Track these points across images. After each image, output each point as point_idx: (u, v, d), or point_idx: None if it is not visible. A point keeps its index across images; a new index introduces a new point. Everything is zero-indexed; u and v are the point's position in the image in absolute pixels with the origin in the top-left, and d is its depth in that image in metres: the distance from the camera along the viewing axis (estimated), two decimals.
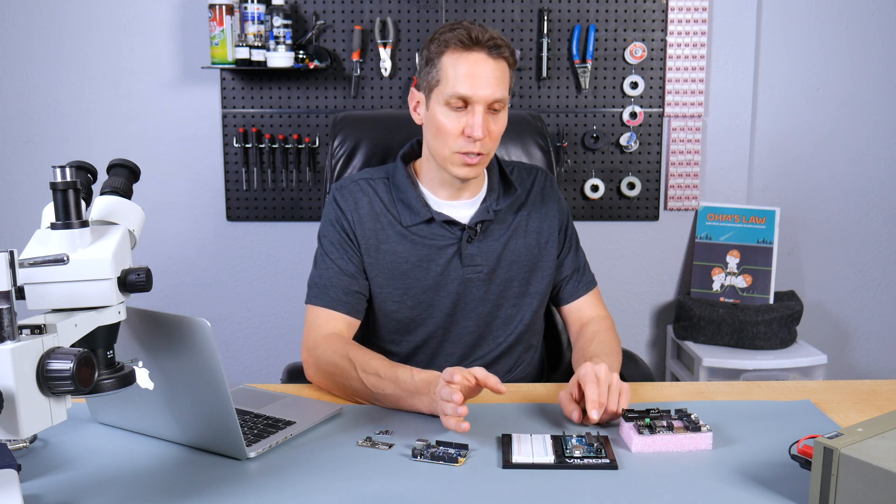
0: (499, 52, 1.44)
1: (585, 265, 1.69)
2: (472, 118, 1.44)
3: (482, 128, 1.44)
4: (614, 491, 1.05)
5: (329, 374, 1.41)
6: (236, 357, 2.92)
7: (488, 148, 1.48)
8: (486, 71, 1.44)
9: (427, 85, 1.50)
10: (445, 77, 1.45)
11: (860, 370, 3.01)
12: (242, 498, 1.03)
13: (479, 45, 1.44)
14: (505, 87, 1.47)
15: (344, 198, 1.58)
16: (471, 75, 1.43)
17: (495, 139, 1.49)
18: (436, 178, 1.56)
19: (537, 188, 1.65)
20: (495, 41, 1.44)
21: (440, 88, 1.46)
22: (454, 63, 1.44)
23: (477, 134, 1.43)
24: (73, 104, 2.77)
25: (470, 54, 1.44)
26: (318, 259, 1.58)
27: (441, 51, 1.46)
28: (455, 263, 1.56)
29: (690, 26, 2.74)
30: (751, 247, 2.76)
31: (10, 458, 0.96)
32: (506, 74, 1.47)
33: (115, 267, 0.95)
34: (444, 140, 1.47)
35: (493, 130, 1.47)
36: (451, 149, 1.47)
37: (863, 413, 1.30)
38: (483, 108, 1.44)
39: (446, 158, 1.49)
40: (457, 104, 1.45)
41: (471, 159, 1.47)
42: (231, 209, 2.81)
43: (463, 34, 1.44)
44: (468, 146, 1.46)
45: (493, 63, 1.44)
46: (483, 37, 1.43)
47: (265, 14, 2.59)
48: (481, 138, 1.44)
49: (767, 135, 2.85)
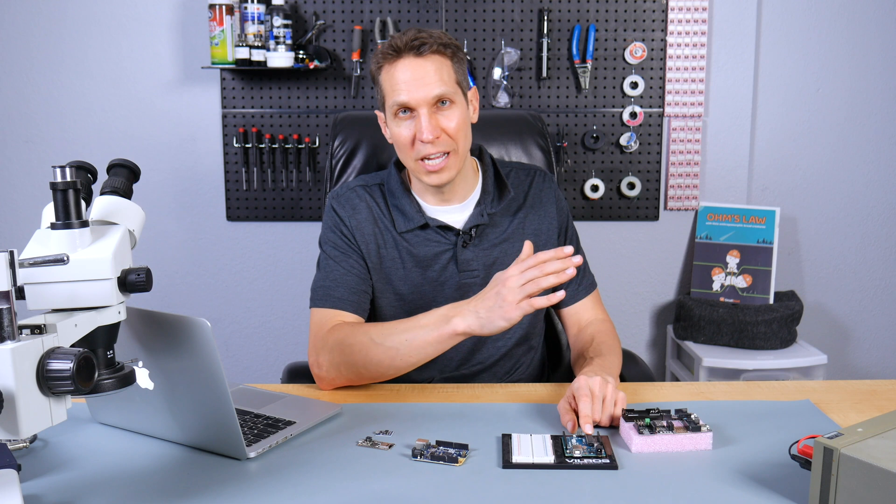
0: (426, 49, 1.45)
1: (586, 267, 1.68)
2: (419, 122, 1.45)
3: (430, 129, 1.44)
4: (614, 491, 1.05)
5: (344, 359, 1.39)
6: (236, 357, 2.92)
7: (451, 146, 1.47)
8: (417, 73, 1.44)
9: (380, 104, 1.53)
10: (386, 91, 1.48)
11: (860, 370, 3.01)
12: (242, 498, 1.03)
13: (403, 51, 1.45)
14: (444, 80, 1.46)
15: (342, 205, 1.58)
16: (403, 81, 1.44)
17: (455, 134, 1.47)
18: (419, 186, 1.57)
19: (535, 189, 1.64)
20: (420, 39, 1.45)
21: (387, 103, 1.49)
22: (388, 75, 1.47)
23: (426, 137, 1.44)
24: (73, 104, 2.77)
25: (397, 62, 1.45)
26: (321, 264, 1.57)
27: (377, 68, 1.50)
28: (451, 269, 1.55)
29: (690, 26, 2.74)
30: (751, 247, 2.76)
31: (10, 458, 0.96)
32: (443, 67, 1.46)
33: (115, 267, 0.95)
34: (405, 150, 1.49)
35: (448, 127, 1.46)
36: (413, 157, 1.48)
37: (863, 413, 1.30)
38: (427, 109, 1.44)
39: (413, 169, 1.50)
40: (401, 110, 1.46)
41: (433, 165, 1.47)
42: (231, 209, 2.81)
43: (387, 46, 1.47)
44: (425, 150, 1.46)
45: (424, 61, 1.45)
46: (403, 41, 1.45)
47: (265, 14, 2.59)
48: (431, 140, 1.44)
49: (767, 135, 2.85)
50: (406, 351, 1.32)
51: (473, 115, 1.55)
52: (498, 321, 1.28)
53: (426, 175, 1.49)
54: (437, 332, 1.31)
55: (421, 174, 1.49)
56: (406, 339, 1.32)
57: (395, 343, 1.33)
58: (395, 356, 1.33)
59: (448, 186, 1.53)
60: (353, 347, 1.38)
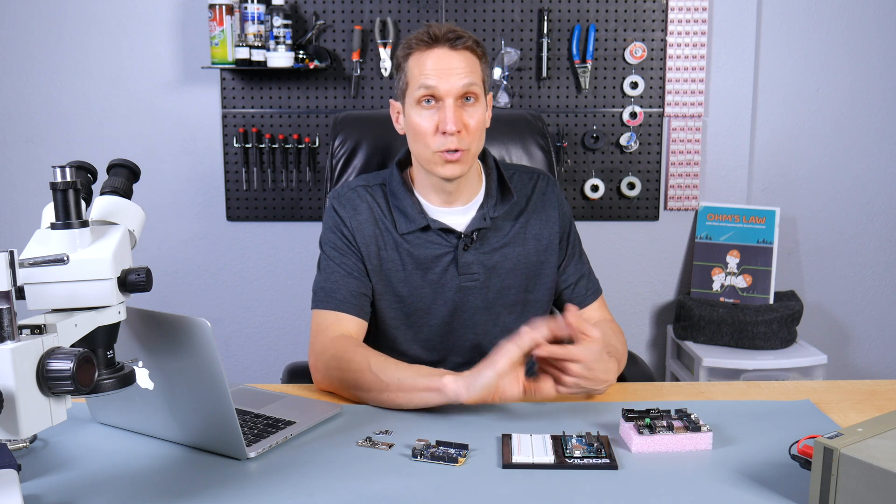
0: (461, 43, 1.45)
1: (590, 271, 1.67)
2: (444, 112, 1.44)
3: (455, 121, 1.43)
4: (614, 491, 1.05)
5: (340, 374, 1.39)
6: (236, 357, 2.92)
7: (468, 143, 1.46)
8: (451, 63, 1.44)
9: (401, 91, 1.51)
10: (413, 77, 1.47)
11: (860, 370, 3.01)
12: (242, 498, 1.03)
13: (440, 41, 1.45)
14: (474, 75, 1.46)
15: (342, 205, 1.57)
16: (435, 68, 1.44)
17: (474, 133, 1.47)
18: (427, 184, 1.55)
19: (538, 193, 1.63)
20: (456, 33, 1.45)
21: (410, 90, 1.47)
22: (418, 62, 1.46)
23: (450, 128, 1.43)
24: (73, 104, 2.77)
25: (432, 51, 1.45)
26: (322, 264, 1.56)
27: (406, 54, 1.48)
28: (451, 272, 1.55)
29: (690, 26, 2.74)
30: (751, 247, 2.76)
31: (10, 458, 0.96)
32: (473, 64, 1.47)
33: (115, 267, 0.95)
34: (423, 141, 1.47)
35: (470, 124, 1.46)
36: (431, 149, 1.46)
37: (863, 413, 1.30)
38: (453, 100, 1.44)
39: (428, 160, 1.48)
40: (426, 98, 1.45)
41: (451, 156, 1.46)
42: (231, 209, 2.81)
43: (423, 34, 1.46)
44: (446, 143, 1.45)
45: (457, 54, 1.45)
46: (441, 32, 1.45)
47: (265, 14, 2.59)
48: (455, 132, 1.43)
49: (767, 135, 2.85)
50: (394, 389, 1.30)
51: (487, 119, 1.55)
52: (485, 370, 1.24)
53: (442, 166, 1.47)
54: (427, 382, 1.28)
55: (437, 165, 1.47)
56: (398, 377, 1.30)
57: (388, 378, 1.31)
58: (383, 390, 1.32)
59: (454, 186, 1.53)
60: (350, 366, 1.37)
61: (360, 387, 1.35)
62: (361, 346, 1.42)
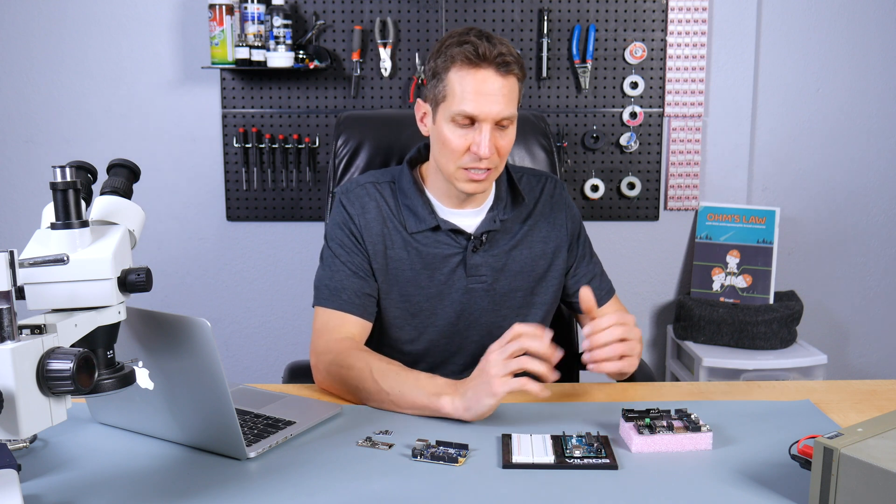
0: (507, 69, 1.40)
1: (602, 272, 1.67)
2: (479, 136, 1.41)
3: (489, 146, 1.41)
4: (614, 491, 1.05)
5: (341, 378, 1.38)
6: (236, 357, 2.92)
7: (496, 163, 1.45)
8: (494, 88, 1.40)
9: (433, 98, 1.46)
10: (452, 93, 1.42)
11: (860, 370, 3.01)
12: (242, 498, 1.03)
13: (487, 62, 1.39)
14: (513, 103, 1.43)
15: (351, 202, 1.55)
16: (478, 93, 1.39)
17: (503, 155, 1.46)
18: (442, 188, 1.54)
19: (546, 196, 1.62)
20: (504, 57, 1.39)
21: (446, 104, 1.43)
22: (461, 80, 1.40)
23: (483, 153, 1.40)
24: (73, 104, 2.77)
25: (477, 72, 1.39)
26: (326, 261, 1.55)
27: (448, 66, 1.42)
28: (459, 273, 1.54)
29: (690, 26, 2.74)
30: (751, 247, 2.76)
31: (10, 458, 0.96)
32: (514, 90, 1.43)
33: (115, 267, 0.95)
34: (450, 156, 1.45)
35: (502, 146, 1.44)
36: (457, 164, 1.45)
37: (863, 413, 1.30)
38: (490, 125, 1.41)
39: (452, 174, 1.46)
40: (463, 122, 1.42)
41: (477, 175, 1.45)
42: (231, 209, 2.81)
43: (470, 50, 1.39)
44: (474, 163, 1.43)
45: (502, 80, 1.40)
46: (491, 53, 1.39)
47: (265, 14, 2.59)
48: (488, 156, 1.42)
49: (767, 135, 2.85)
50: (395, 399, 1.30)
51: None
52: (484, 398, 1.23)
53: (466, 182, 1.46)
54: (426, 400, 1.28)
55: (460, 181, 1.46)
56: (399, 390, 1.30)
57: (389, 387, 1.31)
58: (384, 399, 1.31)
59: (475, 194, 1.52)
60: (351, 372, 1.36)
61: (361, 392, 1.35)
62: (363, 351, 1.41)
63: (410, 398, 1.29)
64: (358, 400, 1.36)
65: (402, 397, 1.29)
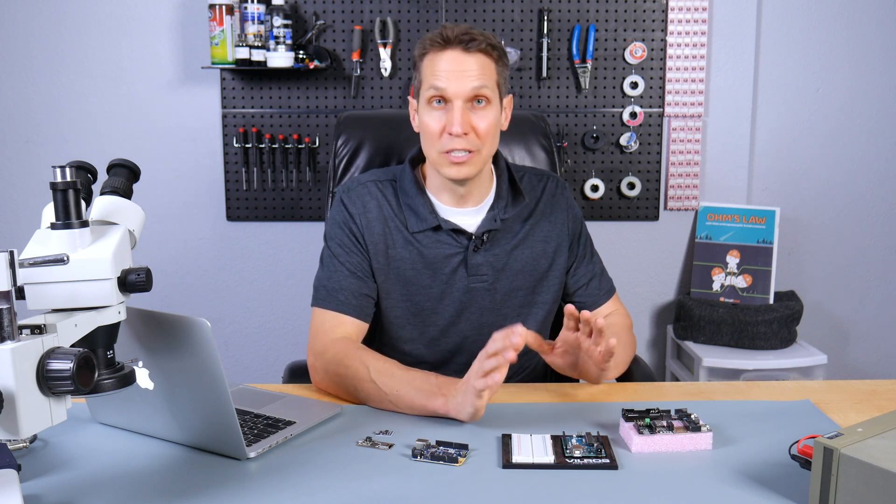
0: (474, 46, 1.44)
1: (603, 272, 1.67)
2: (452, 114, 1.44)
3: (461, 123, 1.42)
4: (614, 491, 1.05)
5: (338, 379, 1.38)
6: (236, 357, 2.92)
7: (477, 145, 1.46)
8: (462, 65, 1.44)
9: (415, 90, 1.52)
10: (425, 77, 1.47)
11: (860, 370, 3.01)
12: (242, 498, 1.03)
13: (452, 42, 1.45)
14: (485, 78, 1.45)
15: (352, 200, 1.56)
16: (446, 70, 1.44)
17: (484, 136, 1.46)
18: (438, 183, 1.54)
19: (547, 196, 1.63)
20: (470, 35, 1.45)
21: (422, 90, 1.48)
22: (431, 63, 1.46)
23: (455, 130, 1.42)
24: (73, 104, 2.77)
25: (444, 52, 1.45)
26: (325, 261, 1.55)
27: (421, 54, 1.49)
28: (460, 272, 1.54)
29: (690, 26, 2.74)
30: (751, 247, 2.76)
31: (10, 458, 0.96)
32: (486, 67, 1.46)
33: (115, 267, 0.95)
34: (430, 140, 1.47)
35: (479, 127, 1.45)
36: (437, 149, 1.47)
37: (863, 413, 1.31)
38: (461, 102, 1.44)
39: (435, 160, 1.48)
40: (436, 99, 1.45)
41: (458, 157, 1.45)
42: (231, 209, 2.81)
43: (437, 35, 1.46)
44: (451, 144, 1.44)
45: (469, 56, 1.44)
46: (454, 33, 1.45)
47: (265, 14, 2.59)
48: (460, 134, 1.43)
49: (767, 134, 2.85)
50: (392, 398, 1.31)
51: (505, 122, 1.54)
52: (467, 407, 1.24)
53: (448, 167, 1.47)
54: (423, 401, 1.28)
55: (443, 166, 1.47)
56: (397, 389, 1.30)
57: (386, 387, 1.31)
58: (382, 398, 1.32)
59: (465, 187, 1.52)
60: (348, 370, 1.37)
61: (359, 393, 1.35)
62: (361, 350, 1.41)
63: (407, 399, 1.29)
64: (356, 400, 1.37)
65: (400, 398, 1.30)
